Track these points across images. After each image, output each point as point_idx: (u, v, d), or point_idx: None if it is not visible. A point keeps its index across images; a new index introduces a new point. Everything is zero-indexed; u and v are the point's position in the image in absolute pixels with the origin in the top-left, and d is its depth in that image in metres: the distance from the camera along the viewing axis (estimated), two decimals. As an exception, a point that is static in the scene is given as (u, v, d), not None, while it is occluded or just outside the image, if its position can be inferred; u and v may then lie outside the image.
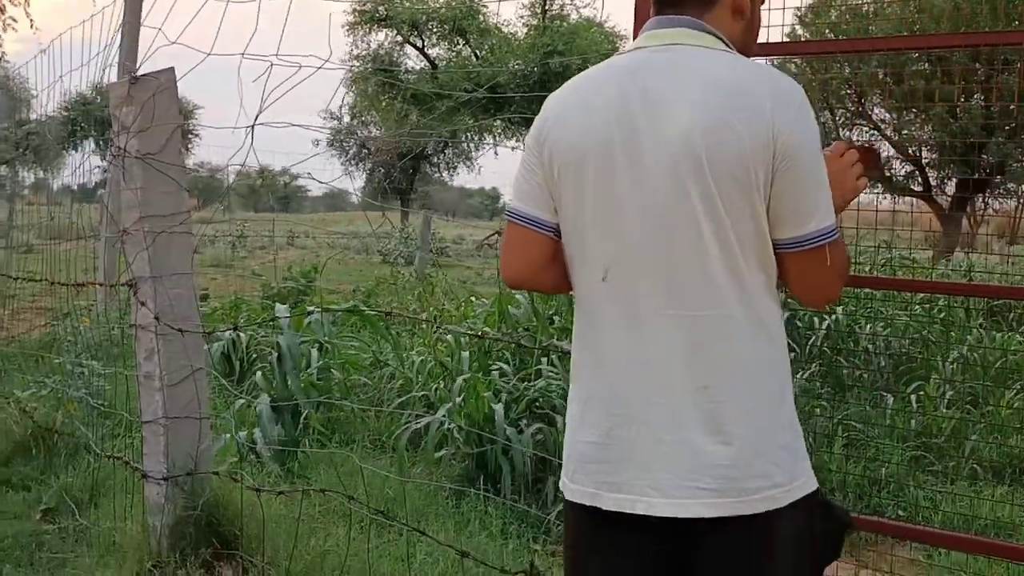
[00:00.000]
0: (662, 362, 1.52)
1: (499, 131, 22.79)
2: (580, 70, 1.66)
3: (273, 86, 2.71)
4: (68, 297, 5.34)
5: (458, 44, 26.08)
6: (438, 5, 23.84)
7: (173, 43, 2.99)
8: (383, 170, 31.00)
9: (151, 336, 2.93)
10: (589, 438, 1.59)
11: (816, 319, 6.48)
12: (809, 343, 6.41)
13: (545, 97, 1.68)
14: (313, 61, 2.88)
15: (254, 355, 6.23)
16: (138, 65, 3.08)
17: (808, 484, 1.55)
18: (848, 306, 6.55)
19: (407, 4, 20.52)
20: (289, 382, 4.72)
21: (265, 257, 19.83)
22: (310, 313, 5.68)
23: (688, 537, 1.53)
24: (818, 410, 5.16)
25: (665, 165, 1.49)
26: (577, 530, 1.65)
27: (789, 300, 2.12)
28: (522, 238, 1.65)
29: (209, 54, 2.86)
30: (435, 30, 24.96)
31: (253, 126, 2.81)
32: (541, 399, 4.66)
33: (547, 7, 20.76)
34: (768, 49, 2.58)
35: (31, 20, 10.52)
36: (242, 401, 4.78)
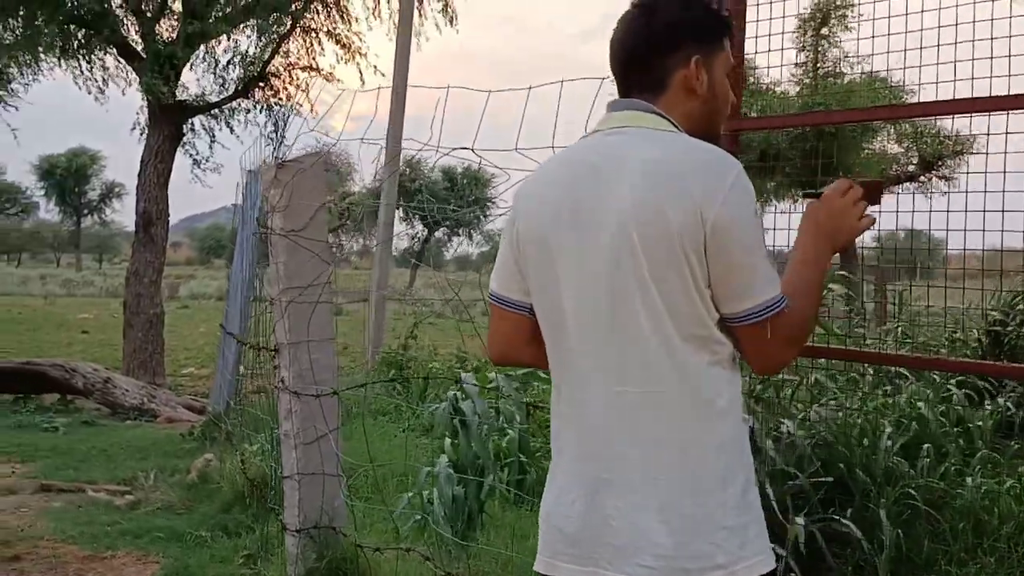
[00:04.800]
0: (610, 438, 1.54)
1: (771, 193, 22.15)
2: (854, 131, 1.68)
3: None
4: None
5: (731, 106, 25.68)
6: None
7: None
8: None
9: (288, 397, 3.18)
10: (551, 508, 1.63)
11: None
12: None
13: (820, 158, 1.69)
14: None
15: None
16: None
17: (759, 566, 1.50)
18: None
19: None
20: (473, 445, 4.85)
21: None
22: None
23: None
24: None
25: (605, 246, 1.52)
26: None
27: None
28: (500, 317, 1.73)
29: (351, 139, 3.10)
30: (706, 93, 24.72)
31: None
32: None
33: (819, 64, 19.97)
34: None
35: (311, 106, 11.75)
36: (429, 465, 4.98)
